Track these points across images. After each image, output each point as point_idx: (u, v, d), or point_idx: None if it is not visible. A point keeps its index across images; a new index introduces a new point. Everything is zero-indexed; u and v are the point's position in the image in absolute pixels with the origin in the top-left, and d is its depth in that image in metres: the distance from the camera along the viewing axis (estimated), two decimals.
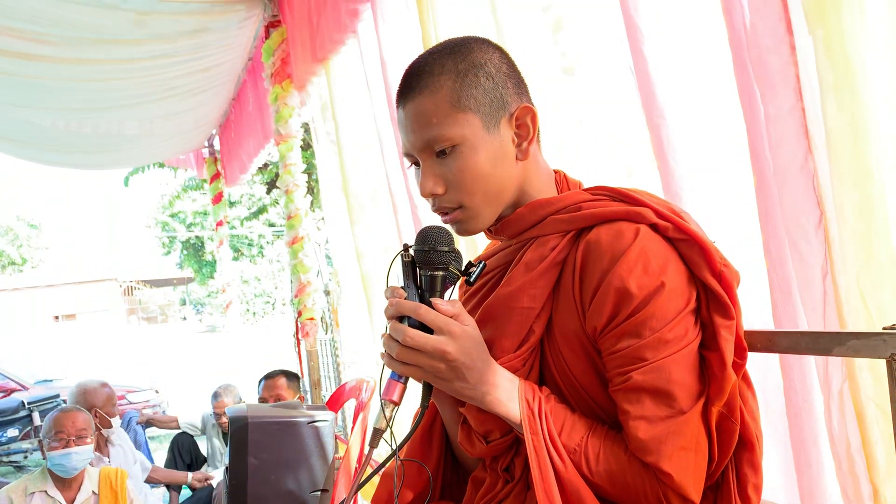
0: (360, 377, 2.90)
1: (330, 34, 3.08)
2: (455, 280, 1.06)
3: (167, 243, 31.84)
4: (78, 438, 2.78)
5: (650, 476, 0.96)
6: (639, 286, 0.95)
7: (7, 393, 7.66)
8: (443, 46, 1.09)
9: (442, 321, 0.98)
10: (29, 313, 33.60)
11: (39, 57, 3.97)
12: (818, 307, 1.22)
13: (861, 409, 1.16)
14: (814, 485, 1.34)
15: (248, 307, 31.99)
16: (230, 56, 4.66)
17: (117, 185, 46.81)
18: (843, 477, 1.23)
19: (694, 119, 1.50)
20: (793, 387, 1.35)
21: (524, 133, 1.08)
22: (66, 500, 2.77)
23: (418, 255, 1.03)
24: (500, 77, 1.06)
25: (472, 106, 1.03)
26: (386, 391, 1.02)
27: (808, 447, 1.34)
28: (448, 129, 1.03)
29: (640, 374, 0.95)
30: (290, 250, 3.98)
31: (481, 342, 1.03)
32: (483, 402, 1.02)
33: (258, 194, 24.88)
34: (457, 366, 0.98)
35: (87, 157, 6.89)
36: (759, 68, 1.25)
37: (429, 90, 1.04)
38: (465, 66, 1.04)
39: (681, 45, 1.51)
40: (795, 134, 1.22)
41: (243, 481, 2.18)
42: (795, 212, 1.23)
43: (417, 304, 1.00)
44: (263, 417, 2.27)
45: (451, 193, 1.06)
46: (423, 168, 1.07)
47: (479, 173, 1.04)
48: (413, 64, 1.09)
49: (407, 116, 1.07)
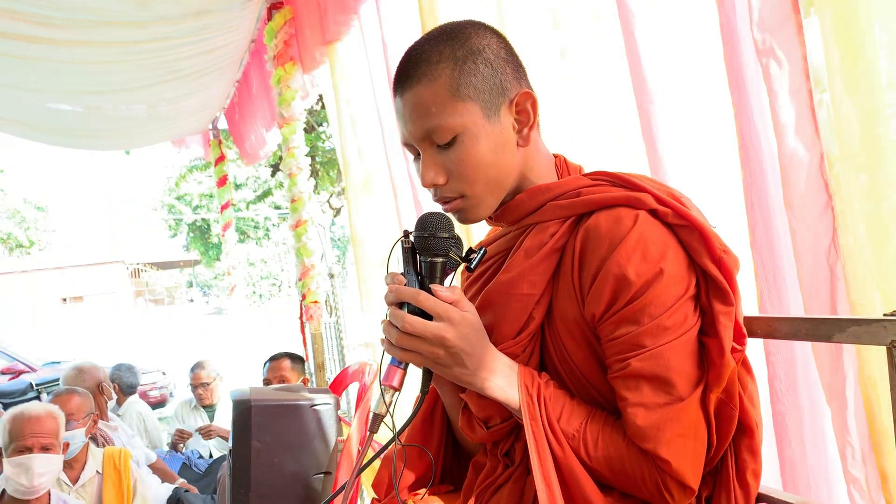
0: (363, 360, 2.91)
1: (335, 16, 3.07)
2: (455, 266, 1.06)
3: (173, 226, 31.94)
4: (66, 423, 2.74)
5: (648, 462, 0.96)
6: (637, 273, 0.94)
7: (15, 375, 7.73)
8: (439, 32, 1.06)
9: (441, 308, 0.98)
10: (36, 296, 33.77)
11: (42, 39, 3.95)
12: (822, 293, 1.21)
13: (869, 395, 1.15)
14: (797, 473, 1.34)
15: (255, 289, 32.13)
16: (233, 38, 4.63)
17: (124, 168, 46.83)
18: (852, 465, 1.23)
19: (685, 105, 1.48)
20: (776, 374, 1.34)
21: (524, 119, 1.06)
22: (70, 479, 2.81)
23: (418, 241, 1.03)
24: (499, 63, 1.04)
25: (471, 94, 1.01)
26: (386, 377, 1.03)
27: (790, 433, 1.34)
28: (448, 118, 1.01)
29: (639, 360, 0.95)
30: (293, 233, 3.99)
31: (481, 328, 1.03)
32: (482, 388, 1.02)
33: (263, 176, 24.89)
34: (456, 352, 0.99)
35: (91, 139, 6.89)
36: (763, 48, 1.23)
37: (426, 79, 1.01)
38: (464, 53, 1.02)
39: (674, 29, 1.48)
40: (803, 116, 1.20)
41: (246, 464, 2.19)
42: (799, 196, 1.22)
43: (417, 291, 1.00)
44: (266, 400, 2.28)
45: (452, 183, 1.05)
46: (423, 158, 1.06)
47: (481, 162, 1.03)
48: (409, 51, 1.06)
49: (405, 106, 1.04)
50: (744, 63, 1.29)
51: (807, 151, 1.20)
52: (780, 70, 1.21)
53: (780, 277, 1.31)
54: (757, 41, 1.22)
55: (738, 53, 1.29)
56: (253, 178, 26.00)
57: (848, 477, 1.23)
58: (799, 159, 1.21)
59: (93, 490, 2.84)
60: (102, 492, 2.85)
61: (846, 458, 1.24)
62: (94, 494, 2.84)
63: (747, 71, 1.29)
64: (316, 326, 4.07)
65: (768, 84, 1.22)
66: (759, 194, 1.31)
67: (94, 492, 2.85)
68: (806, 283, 1.23)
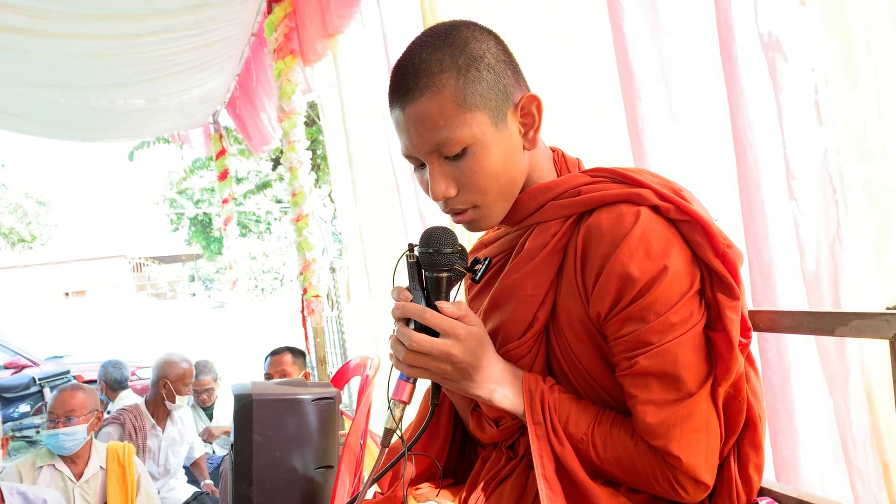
0: (365, 354, 2.91)
1: (337, 8, 3.05)
2: (461, 278, 1.06)
3: (175, 220, 31.93)
4: (66, 419, 2.76)
5: (658, 459, 0.96)
6: (641, 271, 0.94)
7: (18, 369, 7.74)
8: (433, 38, 1.00)
9: (447, 324, 0.98)
10: (39, 290, 33.83)
11: (41, 32, 3.95)
12: (826, 286, 1.21)
13: (870, 387, 1.15)
14: (788, 464, 1.34)
15: (257, 283, 32.14)
16: (234, 31, 4.62)
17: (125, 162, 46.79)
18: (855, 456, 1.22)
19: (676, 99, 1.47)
20: (769, 365, 1.34)
21: (529, 122, 1.04)
22: (74, 475, 2.80)
23: (423, 257, 1.03)
24: (500, 67, 1.01)
25: (478, 103, 0.98)
26: (395, 392, 1.04)
27: (783, 425, 1.34)
28: (457, 130, 0.97)
29: (647, 358, 0.95)
30: (294, 227, 3.98)
31: (487, 341, 1.03)
32: (490, 399, 1.03)
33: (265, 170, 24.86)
34: (463, 367, 0.99)
35: (93, 132, 6.89)
36: (768, 38, 1.22)
37: (430, 91, 0.97)
38: (465, 61, 0.98)
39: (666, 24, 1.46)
40: (806, 108, 1.19)
41: (248, 458, 2.19)
42: (800, 188, 1.21)
43: (423, 308, 1.00)
44: (268, 394, 2.28)
45: (463, 194, 1.03)
46: (431, 171, 1.02)
47: (493, 172, 1.01)
48: (405, 61, 1.01)
49: (408, 119, 1.00)
50: (739, 56, 1.28)
51: (811, 143, 1.19)
52: (785, 62, 1.20)
53: (774, 271, 1.30)
54: (762, 35, 1.22)
55: (734, 45, 1.28)
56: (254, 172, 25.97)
57: (850, 468, 1.23)
58: (803, 151, 1.20)
59: (97, 485, 2.84)
60: (107, 487, 2.85)
61: (848, 449, 1.23)
62: (99, 490, 2.84)
63: (743, 63, 1.28)
64: (317, 320, 4.08)
65: (773, 76, 1.22)
66: (754, 188, 1.30)
67: (99, 487, 2.84)
68: (809, 276, 1.23)
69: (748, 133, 1.28)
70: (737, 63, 1.28)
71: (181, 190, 29.80)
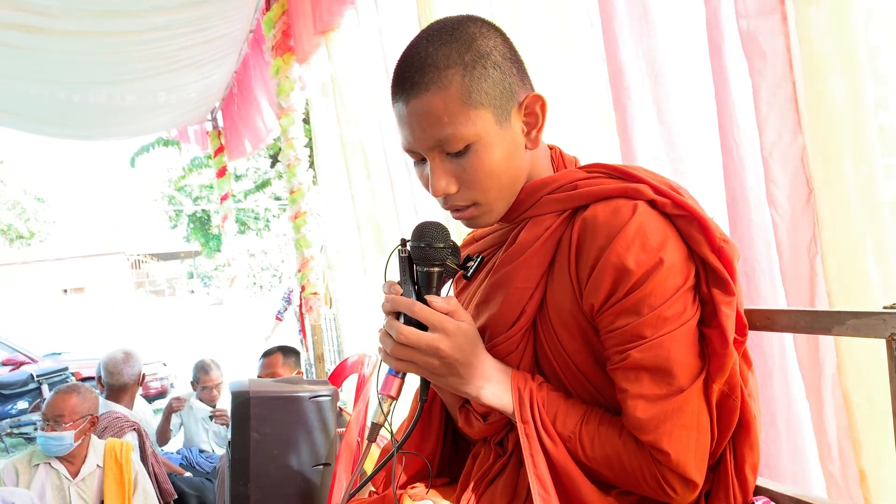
0: (362, 352, 2.91)
1: (329, 6, 3.04)
2: (453, 275, 1.06)
3: (174, 217, 31.94)
4: (55, 423, 2.74)
5: (646, 457, 0.96)
6: (637, 263, 0.93)
7: (16, 366, 7.74)
8: (439, 32, 1.00)
9: (436, 318, 0.98)
10: (37, 287, 33.81)
11: (40, 29, 3.94)
12: (804, 287, 1.21)
13: (848, 392, 1.14)
14: (772, 466, 1.34)
15: (255, 280, 32.15)
16: (231, 28, 4.61)
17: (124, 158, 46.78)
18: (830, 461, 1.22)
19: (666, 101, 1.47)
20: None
21: (533, 122, 1.04)
22: (70, 473, 2.78)
23: (414, 251, 1.02)
24: (506, 65, 1.00)
25: (483, 101, 0.97)
26: (383, 387, 1.04)
27: (766, 426, 1.33)
28: (461, 127, 0.97)
29: (639, 351, 0.94)
30: (292, 224, 3.98)
31: (476, 338, 1.03)
32: (477, 396, 1.03)
33: (263, 168, 24.85)
34: (450, 362, 0.99)
35: (91, 129, 6.88)
36: (748, 40, 1.21)
37: (436, 86, 0.96)
38: (472, 57, 0.97)
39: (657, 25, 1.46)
40: (785, 109, 1.19)
41: (246, 455, 2.20)
42: (781, 190, 1.21)
43: (412, 301, 1.00)
44: (265, 392, 2.28)
45: (464, 191, 1.03)
46: (432, 167, 1.01)
47: (495, 170, 1.00)
48: (411, 54, 1.00)
49: (411, 114, 0.99)
50: (725, 55, 1.28)
51: (788, 145, 1.19)
52: (762, 62, 1.19)
53: (759, 271, 1.30)
54: (742, 30, 1.21)
55: (721, 45, 1.28)
56: (253, 169, 25.95)
57: (825, 473, 1.23)
58: (781, 153, 1.20)
59: (93, 484, 2.82)
60: (104, 485, 2.84)
61: (823, 454, 1.23)
62: (96, 488, 2.82)
63: (729, 63, 1.28)
64: (315, 318, 4.07)
65: (752, 76, 1.21)
66: (740, 188, 1.30)
67: (95, 486, 2.82)
68: (787, 278, 1.23)
69: (732, 132, 1.28)
70: (723, 61, 1.27)
71: (180, 187, 29.79)
